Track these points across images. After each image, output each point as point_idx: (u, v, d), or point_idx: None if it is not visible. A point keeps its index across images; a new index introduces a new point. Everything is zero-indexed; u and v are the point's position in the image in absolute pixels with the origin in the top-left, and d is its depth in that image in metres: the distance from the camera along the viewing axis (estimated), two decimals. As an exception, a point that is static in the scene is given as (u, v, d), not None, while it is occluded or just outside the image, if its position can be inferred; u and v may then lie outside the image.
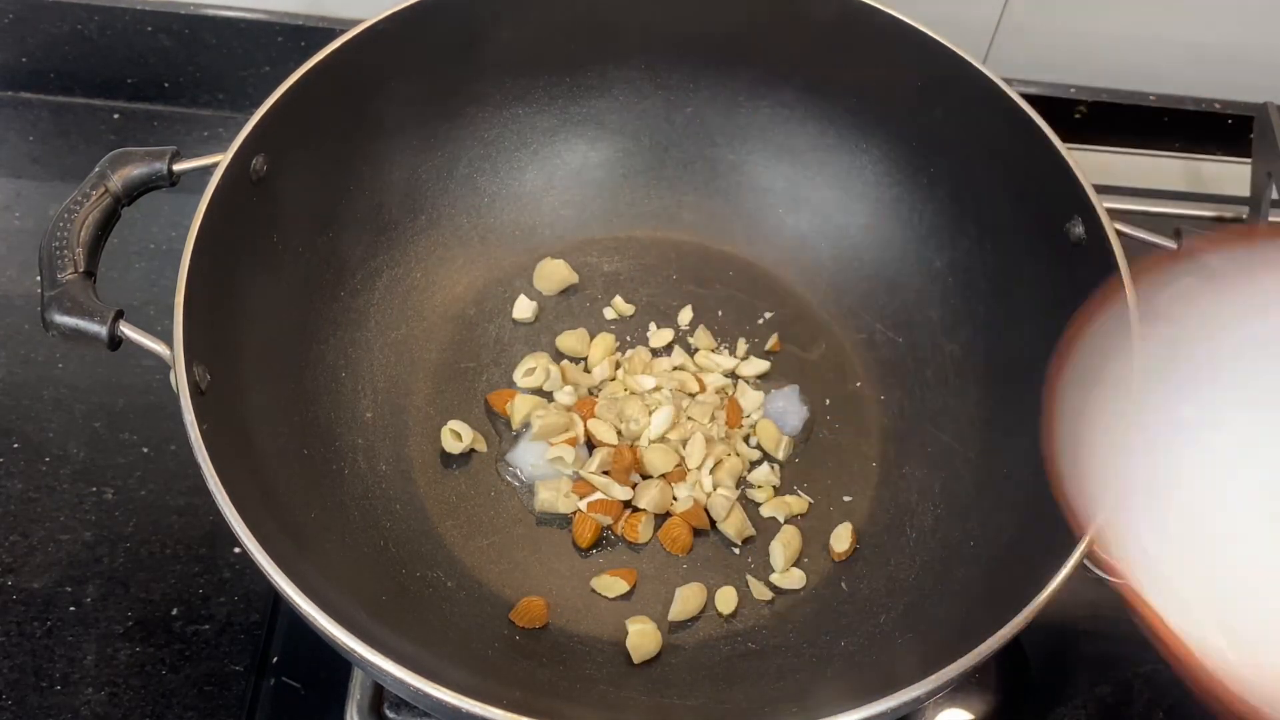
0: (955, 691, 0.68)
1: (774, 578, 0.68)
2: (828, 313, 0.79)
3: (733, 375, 0.76)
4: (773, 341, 0.77)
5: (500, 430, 0.73)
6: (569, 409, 0.72)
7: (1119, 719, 0.69)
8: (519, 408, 0.73)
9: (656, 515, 0.70)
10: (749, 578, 0.69)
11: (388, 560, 0.66)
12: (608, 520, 0.69)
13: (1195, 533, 0.50)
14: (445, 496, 0.70)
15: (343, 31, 0.68)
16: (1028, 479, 0.65)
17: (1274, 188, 0.83)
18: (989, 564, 0.63)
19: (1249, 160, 0.87)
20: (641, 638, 0.65)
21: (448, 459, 0.72)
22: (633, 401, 0.72)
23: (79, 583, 0.70)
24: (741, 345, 0.77)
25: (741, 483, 0.72)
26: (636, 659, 0.65)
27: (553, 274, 0.79)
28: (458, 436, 0.71)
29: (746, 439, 0.74)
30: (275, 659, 0.68)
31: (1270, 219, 0.85)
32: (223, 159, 0.62)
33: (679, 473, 0.71)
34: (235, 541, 0.52)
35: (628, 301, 0.79)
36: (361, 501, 0.68)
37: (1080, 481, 0.52)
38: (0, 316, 0.80)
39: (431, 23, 0.71)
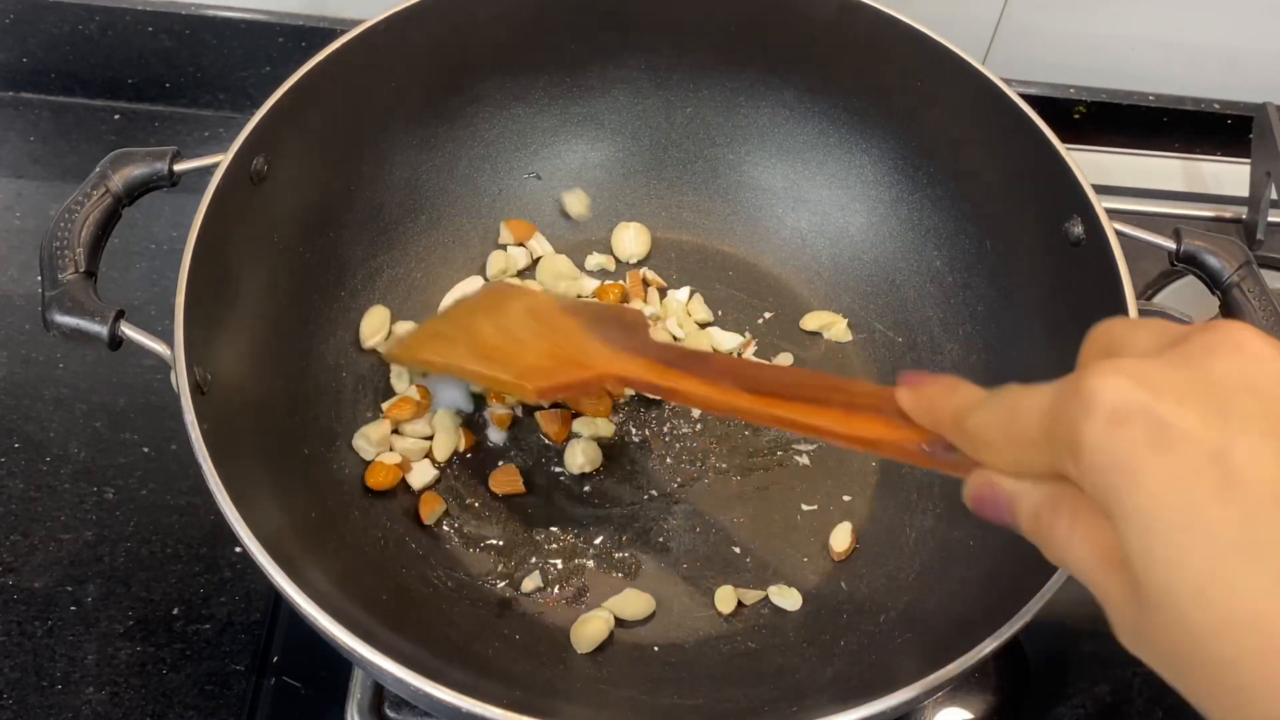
0: (955, 691, 0.69)
1: (771, 592, 0.68)
2: (828, 312, 0.79)
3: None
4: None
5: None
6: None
7: (1118, 718, 0.69)
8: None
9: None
10: (751, 576, 0.69)
11: (388, 560, 0.66)
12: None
13: None
14: (445, 496, 0.70)
15: (343, 32, 0.68)
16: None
17: (1273, 188, 0.83)
18: (989, 564, 0.63)
19: (1248, 160, 0.87)
20: (586, 625, 0.65)
21: (450, 457, 0.72)
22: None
23: (80, 582, 0.70)
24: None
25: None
26: (581, 650, 0.64)
27: (552, 273, 0.79)
28: (367, 439, 0.69)
29: None
30: (276, 658, 0.68)
31: (1269, 219, 0.86)
32: (223, 159, 0.62)
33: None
34: (235, 541, 0.52)
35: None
36: (362, 501, 0.68)
37: None
38: (1, 316, 0.80)
39: (431, 23, 0.71)
